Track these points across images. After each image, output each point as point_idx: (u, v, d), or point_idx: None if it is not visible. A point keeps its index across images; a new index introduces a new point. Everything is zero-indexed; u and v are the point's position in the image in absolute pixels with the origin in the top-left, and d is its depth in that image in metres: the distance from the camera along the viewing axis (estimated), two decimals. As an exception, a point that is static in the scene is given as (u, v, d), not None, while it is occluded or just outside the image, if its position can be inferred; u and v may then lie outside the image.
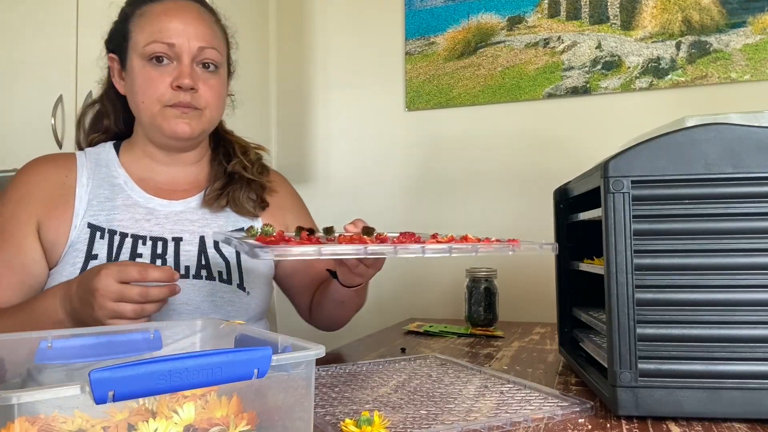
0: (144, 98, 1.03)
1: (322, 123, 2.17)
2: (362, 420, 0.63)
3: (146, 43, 1.02)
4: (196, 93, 1.04)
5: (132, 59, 1.05)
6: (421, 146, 2.03)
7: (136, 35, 1.05)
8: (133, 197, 1.08)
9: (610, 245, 0.72)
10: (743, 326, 0.70)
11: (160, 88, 1.02)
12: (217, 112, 1.10)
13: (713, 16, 1.74)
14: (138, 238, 1.04)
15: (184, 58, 1.03)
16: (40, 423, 0.44)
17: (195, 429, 0.49)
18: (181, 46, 1.03)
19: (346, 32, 2.15)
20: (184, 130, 1.04)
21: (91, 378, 0.43)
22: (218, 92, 1.08)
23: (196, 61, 1.05)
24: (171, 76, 1.03)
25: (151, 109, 1.03)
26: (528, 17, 1.92)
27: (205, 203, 1.12)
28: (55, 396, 0.44)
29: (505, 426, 0.68)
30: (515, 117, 1.92)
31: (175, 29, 1.03)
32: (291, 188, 1.29)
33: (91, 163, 1.10)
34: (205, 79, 1.05)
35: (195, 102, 1.04)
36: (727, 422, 0.69)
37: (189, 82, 1.02)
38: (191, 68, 1.04)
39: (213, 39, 1.07)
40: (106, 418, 0.46)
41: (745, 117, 0.76)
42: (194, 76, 1.03)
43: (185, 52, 1.03)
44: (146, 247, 1.03)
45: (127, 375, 0.44)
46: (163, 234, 1.06)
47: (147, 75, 1.03)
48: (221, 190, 1.13)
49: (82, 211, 1.03)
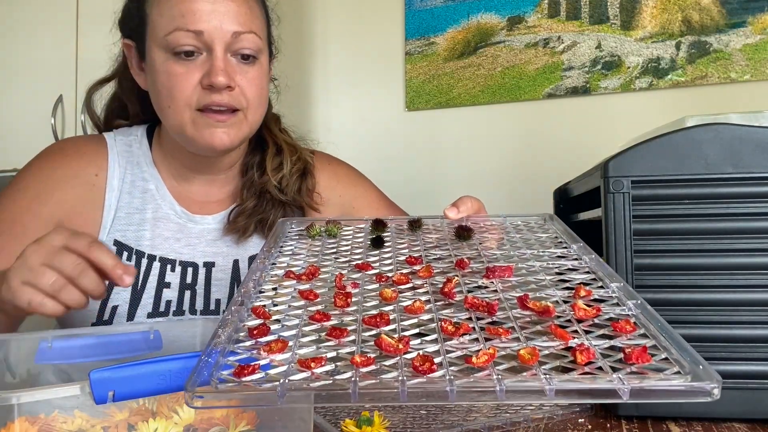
0: (170, 102, 0.84)
1: (321, 123, 2.17)
2: (362, 420, 0.63)
3: (167, 31, 0.82)
4: (233, 91, 0.84)
5: (152, 50, 0.85)
6: (421, 146, 2.03)
7: (155, 19, 0.84)
8: (163, 208, 0.93)
9: (610, 245, 0.72)
10: (743, 326, 0.69)
11: (187, 88, 0.83)
12: (259, 111, 0.90)
13: (713, 16, 1.74)
14: (167, 262, 0.92)
15: (217, 48, 0.83)
16: (40, 423, 0.44)
17: (195, 429, 0.49)
18: (211, 33, 0.82)
19: (346, 32, 2.15)
20: (222, 141, 0.85)
21: (92, 378, 0.43)
22: (260, 87, 0.88)
23: (232, 50, 0.85)
24: (201, 72, 0.83)
25: (180, 116, 0.84)
26: (528, 17, 1.92)
27: (229, 230, 0.94)
28: (55, 396, 0.44)
29: (505, 426, 0.68)
30: (515, 117, 1.92)
31: (202, 11, 0.82)
32: (339, 178, 1.05)
33: (123, 159, 0.94)
34: (244, 72, 0.85)
35: (233, 101, 0.85)
36: (727, 422, 0.69)
37: (224, 80, 0.82)
38: (225, 60, 0.84)
39: (251, 20, 0.86)
40: (106, 418, 0.46)
41: (745, 117, 0.76)
42: (230, 71, 0.84)
43: (217, 40, 0.83)
44: (175, 274, 0.92)
45: (127, 375, 0.44)
46: (194, 257, 0.93)
47: (171, 72, 0.83)
48: (248, 217, 0.94)
49: (109, 224, 0.90)
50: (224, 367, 0.43)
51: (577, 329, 0.47)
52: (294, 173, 0.97)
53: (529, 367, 0.42)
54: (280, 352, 0.45)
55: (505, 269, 0.59)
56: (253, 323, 0.50)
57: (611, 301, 0.52)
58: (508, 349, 0.45)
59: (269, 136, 0.99)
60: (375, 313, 0.52)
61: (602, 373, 0.41)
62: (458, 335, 0.47)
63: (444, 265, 0.63)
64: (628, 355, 0.42)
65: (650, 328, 0.47)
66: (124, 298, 0.90)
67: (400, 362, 0.43)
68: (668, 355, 0.43)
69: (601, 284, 0.56)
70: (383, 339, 0.45)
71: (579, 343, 0.45)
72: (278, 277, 0.61)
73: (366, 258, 0.66)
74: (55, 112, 1.94)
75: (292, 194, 0.96)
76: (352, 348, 0.46)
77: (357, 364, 0.43)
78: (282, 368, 0.43)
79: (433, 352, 0.45)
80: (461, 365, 0.43)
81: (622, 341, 0.45)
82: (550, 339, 0.46)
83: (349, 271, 0.63)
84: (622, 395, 0.39)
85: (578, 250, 0.64)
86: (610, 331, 0.47)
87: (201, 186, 0.96)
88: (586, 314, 0.49)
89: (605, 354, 0.43)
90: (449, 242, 0.70)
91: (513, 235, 0.72)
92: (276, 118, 1.03)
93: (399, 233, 0.75)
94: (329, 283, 0.59)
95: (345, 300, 0.54)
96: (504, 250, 0.67)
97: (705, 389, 0.39)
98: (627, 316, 0.49)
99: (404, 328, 0.50)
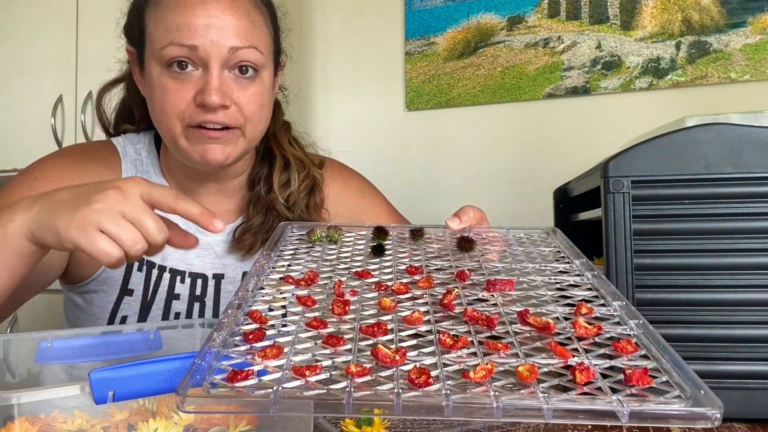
0: (162, 116, 0.81)
1: (321, 123, 2.17)
2: (362, 420, 0.63)
3: (163, 44, 0.79)
4: (228, 110, 0.80)
5: (149, 62, 0.82)
6: (421, 146, 2.03)
7: (152, 32, 0.81)
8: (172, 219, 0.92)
9: (610, 245, 0.72)
10: (743, 326, 0.70)
11: (179, 104, 0.79)
12: (259, 128, 0.86)
13: (713, 16, 1.74)
14: (177, 273, 0.90)
15: (212, 65, 0.78)
16: (41, 423, 0.44)
17: (195, 429, 0.49)
18: (206, 48, 0.78)
19: (346, 32, 2.15)
20: (216, 158, 0.81)
21: (91, 378, 0.43)
22: (259, 103, 0.83)
23: (229, 66, 0.80)
24: (195, 88, 0.79)
25: (171, 130, 0.81)
26: (528, 17, 1.92)
27: (234, 248, 0.92)
28: (55, 396, 0.44)
29: (505, 426, 0.68)
30: (515, 117, 1.92)
31: (197, 26, 0.77)
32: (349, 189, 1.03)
33: (135, 168, 0.92)
34: (242, 88, 0.81)
35: (228, 120, 0.80)
36: (727, 422, 0.69)
37: (217, 100, 0.78)
38: (221, 78, 0.79)
39: (251, 34, 0.81)
40: (106, 419, 0.46)
41: (745, 117, 0.76)
42: (225, 88, 0.79)
43: (213, 56, 0.78)
44: (185, 285, 0.90)
45: (127, 375, 0.44)
46: (203, 269, 0.92)
47: (164, 87, 0.80)
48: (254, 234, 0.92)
49: None
50: (217, 372, 0.42)
51: (577, 347, 0.47)
52: (302, 190, 0.95)
53: (527, 385, 0.41)
54: (275, 358, 0.45)
55: (506, 283, 0.58)
56: (249, 327, 0.49)
57: (613, 320, 0.52)
58: (506, 365, 0.44)
59: (277, 149, 0.96)
60: (373, 322, 0.51)
61: (601, 393, 0.41)
62: (456, 348, 0.47)
63: (444, 276, 0.62)
64: (629, 377, 0.42)
65: (652, 349, 0.46)
66: (133, 308, 0.89)
67: (396, 374, 0.43)
68: (669, 378, 0.42)
69: (602, 302, 0.56)
70: (380, 349, 0.45)
71: (579, 362, 0.44)
72: (277, 281, 0.60)
73: (366, 266, 0.65)
74: (55, 112, 1.94)
75: (299, 212, 0.94)
76: (348, 357, 0.46)
77: (352, 374, 0.42)
78: (276, 375, 0.43)
79: (430, 364, 0.44)
80: (458, 380, 0.42)
81: (623, 362, 0.45)
82: (549, 356, 0.45)
83: (349, 278, 0.62)
84: (621, 418, 0.38)
85: (580, 266, 0.64)
86: (611, 350, 0.46)
87: (209, 196, 0.93)
88: (587, 332, 0.49)
89: (605, 374, 0.43)
90: (451, 253, 0.70)
91: (515, 248, 0.71)
92: (286, 126, 1.00)
93: (400, 242, 0.74)
94: (328, 290, 0.58)
95: (343, 308, 0.54)
96: (506, 262, 0.66)
97: (706, 415, 0.38)
98: (628, 336, 0.48)
99: (402, 339, 0.49)
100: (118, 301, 0.89)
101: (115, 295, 0.89)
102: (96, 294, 0.90)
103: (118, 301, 0.89)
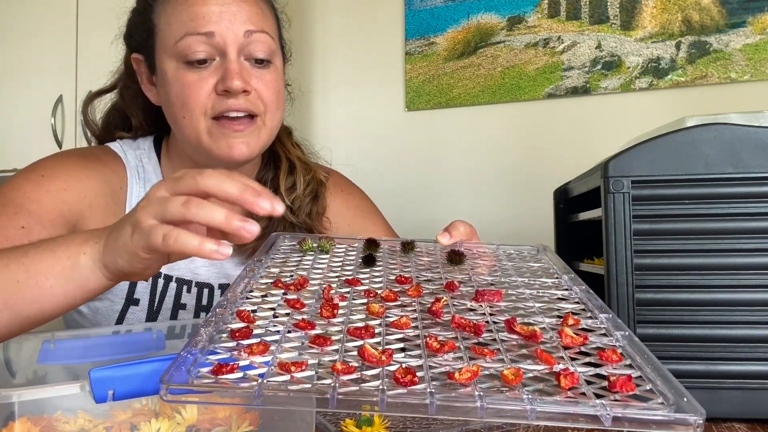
0: (184, 112, 0.81)
1: (321, 123, 2.17)
2: (362, 420, 0.64)
3: (177, 38, 0.80)
4: (249, 95, 0.81)
5: (162, 61, 0.83)
6: (421, 146, 2.03)
7: (164, 29, 0.82)
8: None
9: (610, 245, 0.72)
10: (743, 326, 0.70)
11: (201, 96, 0.80)
12: (278, 116, 0.87)
13: (713, 16, 1.74)
14: (183, 283, 0.90)
15: (230, 51, 0.80)
16: (43, 423, 0.44)
17: (197, 429, 0.49)
18: (222, 34, 0.79)
19: (346, 32, 2.16)
20: (241, 152, 0.82)
21: (91, 377, 0.43)
22: (276, 90, 0.85)
23: (245, 54, 0.82)
24: (215, 78, 0.80)
25: (195, 126, 0.81)
26: (528, 17, 1.93)
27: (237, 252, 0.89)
28: (55, 395, 0.44)
29: (504, 426, 0.68)
30: (515, 117, 1.93)
31: (211, 13, 0.79)
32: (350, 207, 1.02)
33: (137, 175, 0.90)
34: (259, 76, 0.83)
35: (251, 106, 0.81)
36: (727, 422, 0.69)
37: (240, 84, 0.79)
38: (239, 64, 0.81)
39: (262, 19, 0.83)
40: (109, 419, 0.46)
41: (745, 117, 0.76)
42: (245, 74, 0.81)
43: (229, 41, 0.80)
44: (191, 295, 0.89)
45: (127, 374, 0.44)
46: (209, 278, 0.91)
47: (183, 81, 0.80)
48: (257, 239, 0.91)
49: None
50: (203, 365, 0.42)
51: (563, 355, 0.47)
52: (307, 195, 0.94)
53: (512, 387, 0.42)
54: (260, 354, 0.45)
55: (494, 294, 0.58)
56: (237, 326, 0.49)
57: (599, 331, 0.52)
58: (491, 369, 0.44)
59: (282, 151, 0.95)
60: (361, 325, 0.51)
61: (585, 398, 0.41)
62: (443, 352, 0.47)
63: (434, 287, 0.62)
64: (613, 383, 0.42)
65: (636, 359, 0.46)
66: (139, 318, 0.89)
67: (382, 373, 0.43)
68: (653, 387, 0.43)
69: (590, 314, 0.56)
70: (366, 349, 0.45)
71: (564, 368, 0.44)
72: (267, 285, 0.60)
73: (356, 274, 0.65)
74: (55, 112, 1.94)
75: (303, 217, 0.93)
76: (334, 357, 0.46)
77: (338, 371, 0.42)
78: (261, 370, 0.43)
79: (416, 366, 0.44)
80: (443, 380, 0.43)
81: (608, 370, 0.45)
82: (535, 362, 0.45)
83: (338, 285, 0.61)
84: (604, 421, 0.38)
85: (569, 281, 0.64)
86: (596, 359, 0.47)
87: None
88: (573, 342, 0.49)
89: (590, 381, 0.43)
90: (441, 266, 0.70)
91: (505, 263, 0.71)
92: (288, 131, 1.00)
93: (391, 254, 0.74)
94: (317, 295, 0.58)
95: (331, 311, 0.53)
96: (495, 276, 0.66)
97: (688, 421, 0.39)
98: (614, 347, 0.49)
99: (389, 342, 0.49)
100: (124, 311, 0.88)
101: (120, 305, 0.88)
102: (101, 303, 0.89)
103: (124, 311, 0.88)
